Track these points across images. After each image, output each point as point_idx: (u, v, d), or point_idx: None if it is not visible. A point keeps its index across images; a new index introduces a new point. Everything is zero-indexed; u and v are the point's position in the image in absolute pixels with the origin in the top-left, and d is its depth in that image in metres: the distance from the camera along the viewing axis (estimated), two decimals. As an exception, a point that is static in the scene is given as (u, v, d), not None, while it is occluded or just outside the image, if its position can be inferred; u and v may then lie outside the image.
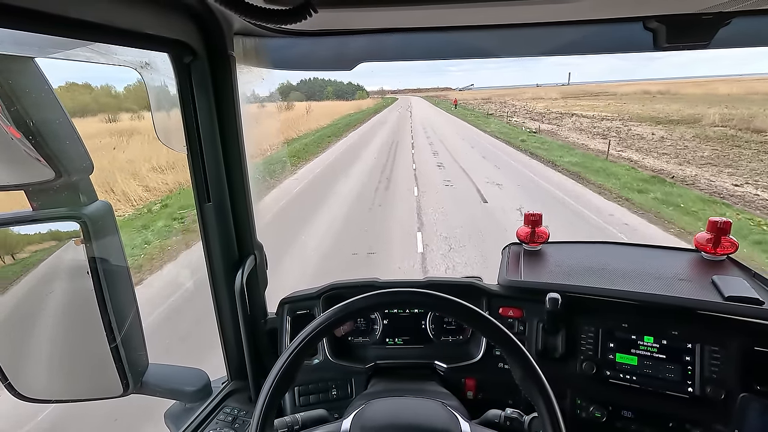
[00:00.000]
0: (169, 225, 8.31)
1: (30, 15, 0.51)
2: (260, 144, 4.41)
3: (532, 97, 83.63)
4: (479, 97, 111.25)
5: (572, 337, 1.13)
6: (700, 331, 1.04)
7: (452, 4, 0.77)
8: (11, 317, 0.91)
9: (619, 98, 61.45)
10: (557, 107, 49.14)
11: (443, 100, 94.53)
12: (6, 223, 0.87)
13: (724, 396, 0.99)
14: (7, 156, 0.81)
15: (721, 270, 1.18)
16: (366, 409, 0.79)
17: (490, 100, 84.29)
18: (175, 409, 1.17)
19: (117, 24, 0.67)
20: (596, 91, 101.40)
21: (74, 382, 0.99)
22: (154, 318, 4.60)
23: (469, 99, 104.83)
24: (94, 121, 17.29)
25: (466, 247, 6.40)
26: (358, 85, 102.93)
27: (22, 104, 0.77)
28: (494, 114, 42.60)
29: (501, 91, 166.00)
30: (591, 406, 1.10)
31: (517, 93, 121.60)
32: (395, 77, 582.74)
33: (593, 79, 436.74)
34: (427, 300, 0.76)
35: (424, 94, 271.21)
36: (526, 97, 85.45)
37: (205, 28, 0.93)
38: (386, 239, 6.93)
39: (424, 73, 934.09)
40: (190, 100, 0.97)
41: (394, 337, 1.30)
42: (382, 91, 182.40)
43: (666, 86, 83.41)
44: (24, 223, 0.88)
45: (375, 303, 0.76)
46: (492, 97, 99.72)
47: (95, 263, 0.88)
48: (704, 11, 0.88)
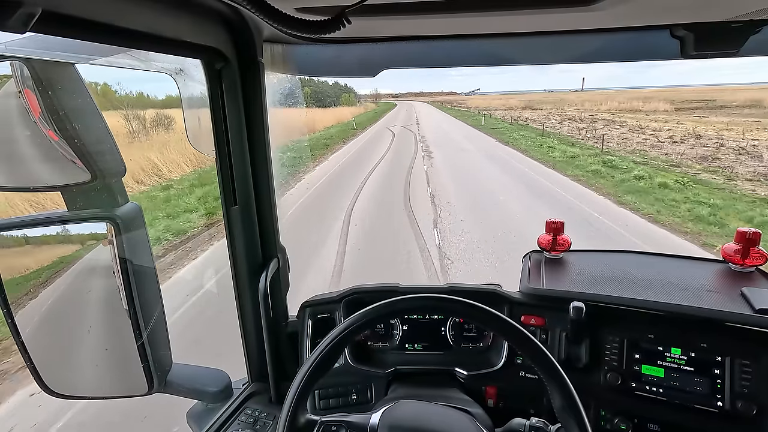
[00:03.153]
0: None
1: (84, 24, 0.54)
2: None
3: (611, 108, 53.45)
4: (497, 104, 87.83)
5: (596, 347, 1.11)
6: (730, 344, 1.01)
7: (474, 12, 0.78)
8: (45, 316, 0.94)
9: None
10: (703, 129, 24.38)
11: (460, 109, 69.93)
12: (44, 223, 0.90)
13: (756, 411, 0.96)
14: (47, 158, 0.84)
15: (750, 282, 1.15)
16: (396, 408, 0.79)
17: (530, 107, 67.04)
18: (197, 408, 1.18)
19: (158, 32, 0.70)
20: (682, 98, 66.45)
21: (102, 380, 1.01)
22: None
23: (482, 105, 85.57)
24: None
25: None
26: (346, 86, 77.73)
27: (63, 109, 0.80)
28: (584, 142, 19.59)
29: (523, 97, 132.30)
30: (616, 418, 1.08)
31: (540, 99, 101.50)
32: (395, 81, 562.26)
33: (597, 86, 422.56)
34: (453, 306, 0.76)
35: (428, 98, 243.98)
36: (605, 108, 54.99)
37: (236, 36, 0.95)
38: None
39: (425, 78, 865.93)
40: (220, 106, 0.99)
41: (413, 343, 1.29)
42: (376, 95, 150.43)
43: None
44: (60, 223, 0.91)
45: (418, 306, 0.77)
46: (531, 104, 77.54)
47: (125, 263, 0.90)
48: (734, 19, 0.87)
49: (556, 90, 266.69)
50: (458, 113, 54.65)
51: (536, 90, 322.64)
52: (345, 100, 59.10)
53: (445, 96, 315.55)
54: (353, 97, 70.83)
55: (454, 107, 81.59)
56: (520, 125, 31.21)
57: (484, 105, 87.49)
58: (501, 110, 60.39)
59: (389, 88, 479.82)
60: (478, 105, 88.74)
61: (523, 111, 57.89)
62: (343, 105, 55.13)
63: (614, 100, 68.97)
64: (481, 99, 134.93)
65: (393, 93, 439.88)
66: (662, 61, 1.05)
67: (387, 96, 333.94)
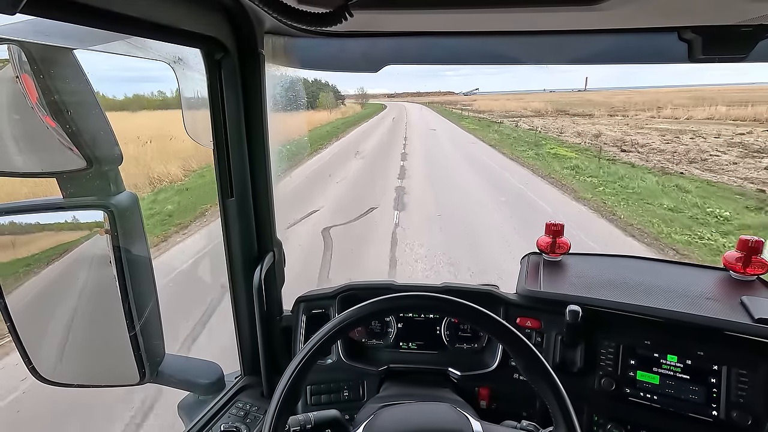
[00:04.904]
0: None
1: (76, 7, 0.53)
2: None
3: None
4: (514, 106, 61.07)
5: (591, 352, 1.10)
6: (727, 353, 1.00)
7: (478, 9, 0.77)
8: (38, 302, 0.93)
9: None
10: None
11: (469, 116, 44.64)
12: (37, 209, 0.90)
13: (750, 422, 0.95)
14: (42, 144, 0.84)
15: (751, 291, 1.13)
16: (376, 419, 0.79)
17: (566, 111, 44.88)
18: (189, 400, 1.18)
19: (156, 19, 0.69)
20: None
21: (94, 368, 1.01)
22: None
23: (496, 108, 60.06)
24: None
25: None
26: (327, 84, 51.49)
27: (60, 94, 0.79)
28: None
29: (536, 97, 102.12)
30: (609, 423, 1.07)
31: (574, 100, 70.03)
32: (392, 81, 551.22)
33: (600, 86, 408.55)
34: (446, 306, 0.76)
35: (426, 98, 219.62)
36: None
37: (237, 26, 0.94)
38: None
39: (422, 77, 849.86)
40: (219, 96, 0.98)
41: (408, 341, 1.29)
42: (361, 95, 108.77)
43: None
44: (55, 209, 0.90)
45: (405, 305, 0.76)
46: (567, 107, 50.14)
47: (119, 252, 0.90)
48: (744, 23, 0.85)
49: (559, 90, 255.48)
50: (470, 123, 34.23)
51: (536, 90, 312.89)
52: (322, 102, 43.83)
53: (443, 96, 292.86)
54: (331, 98, 51.11)
55: (459, 111, 56.03)
56: (610, 160, 14.34)
57: (498, 108, 61.47)
58: (527, 116, 42.23)
59: (385, 88, 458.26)
60: (491, 109, 60.79)
61: (558, 117, 39.27)
62: (320, 108, 41.48)
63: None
64: (493, 100, 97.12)
65: (389, 93, 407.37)
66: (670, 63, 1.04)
67: (382, 96, 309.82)
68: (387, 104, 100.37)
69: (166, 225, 8.03)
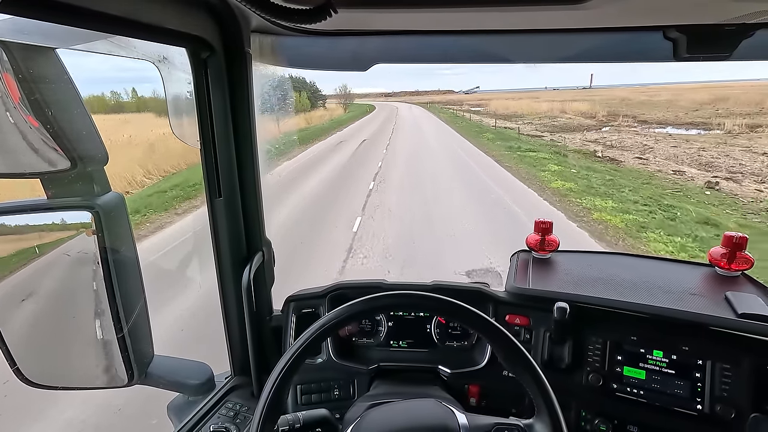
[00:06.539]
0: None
1: (56, 6, 0.52)
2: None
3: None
4: (544, 109, 46.63)
5: (579, 348, 1.11)
6: (712, 348, 1.02)
7: (466, 8, 0.77)
8: (22, 304, 0.92)
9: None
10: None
11: (486, 125, 29.51)
12: (21, 210, 0.88)
13: (734, 415, 0.96)
14: (25, 144, 0.83)
15: (735, 286, 1.15)
16: (363, 420, 0.79)
17: (615, 114, 32.17)
18: (178, 401, 1.18)
19: (138, 18, 0.68)
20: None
21: (81, 371, 1.00)
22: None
23: (512, 108, 50.89)
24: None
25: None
26: (305, 80, 42.69)
27: (42, 94, 0.78)
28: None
29: (539, 95, 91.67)
30: (596, 419, 1.08)
31: (624, 97, 58.57)
32: (389, 79, 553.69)
33: (607, 83, 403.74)
34: (435, 304, 0.76)
35: (425, 98, 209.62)
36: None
37: (223, 25, 0.93)
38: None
39: (420, 75, 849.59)
40: (206, 96, 0.97)
41: (398, 340, 1.29)
42: (345, 95, 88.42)
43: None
44: (39, 211, 0.89)
45: (384, 304, 0.76)
46: (620, 108, 37.99)
47: (106, 253, 0.89)
48: (727, 22, 0.86)
49: (563, 88, 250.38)
50: (490, 139, 21.38)
51: (537, 88, 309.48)
52: (296, 104, 33.80)
53: (443, 95, 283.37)
54: (305, 98, 42.37)
55: (468, 116, 43.82)
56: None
57: (521, 108, 50.40)
58: (564, 118, 31.75)
59: (381, 87, 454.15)
60: (513, 110, 49.57)
61: (612, 133, 24.52)
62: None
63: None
64: (511, 99, 79.18)
65: (385, 92, 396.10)
66: (655, 62, 1.05)
67: (376, 95, 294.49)
68: (376, 105, 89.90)
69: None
